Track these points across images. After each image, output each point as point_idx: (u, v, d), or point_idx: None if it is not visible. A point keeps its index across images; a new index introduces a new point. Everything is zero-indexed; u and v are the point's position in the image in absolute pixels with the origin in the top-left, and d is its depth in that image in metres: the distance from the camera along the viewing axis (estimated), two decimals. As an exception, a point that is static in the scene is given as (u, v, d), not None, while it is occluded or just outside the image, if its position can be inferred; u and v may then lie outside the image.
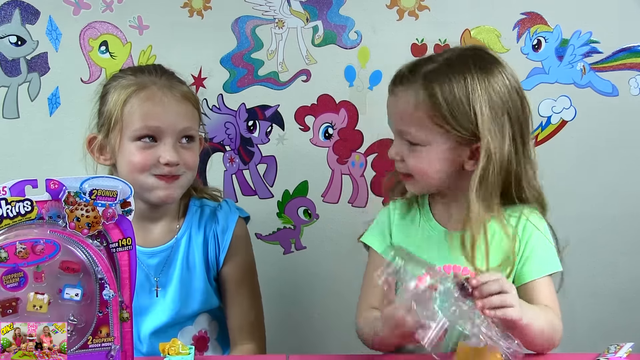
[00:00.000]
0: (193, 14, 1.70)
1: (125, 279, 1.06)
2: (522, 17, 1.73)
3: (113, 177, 1.06)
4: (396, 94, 1.26)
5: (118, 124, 1.33)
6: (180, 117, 1.35)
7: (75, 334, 1.03)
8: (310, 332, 1.84)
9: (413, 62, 1.28)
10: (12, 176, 1.03)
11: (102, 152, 1.38)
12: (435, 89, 1.20)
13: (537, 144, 1.76)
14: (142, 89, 1.34)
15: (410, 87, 1.23)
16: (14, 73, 1.70)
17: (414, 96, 1.22)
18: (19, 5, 1.68)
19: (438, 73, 1.22)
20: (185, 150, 1.36)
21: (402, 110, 1.24)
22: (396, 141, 1.27)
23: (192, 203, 1.45)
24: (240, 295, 1.44)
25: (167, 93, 1.35)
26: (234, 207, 1.47)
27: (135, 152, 1.33)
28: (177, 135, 1.34)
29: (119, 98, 1.34)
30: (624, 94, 1.75)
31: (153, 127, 1.32)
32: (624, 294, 1.80)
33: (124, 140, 1.33)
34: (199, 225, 1.42)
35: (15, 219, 1.00)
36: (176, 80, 1.40)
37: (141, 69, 1.42)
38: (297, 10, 1.71)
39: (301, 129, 1.75)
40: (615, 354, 1.14)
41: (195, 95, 1.43)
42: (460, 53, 1.26)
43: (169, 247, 1.39)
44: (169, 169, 1.33)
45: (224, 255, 1.42)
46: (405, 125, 1.24)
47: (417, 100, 1.21)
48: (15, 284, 1.00)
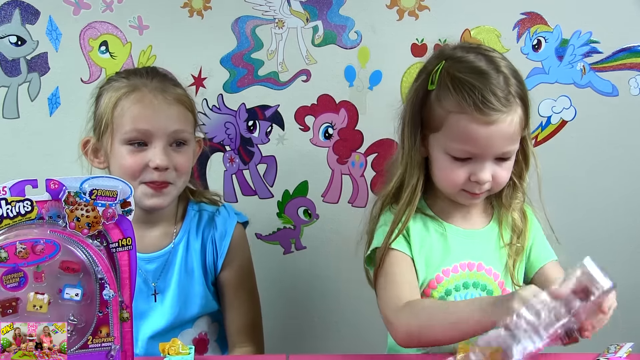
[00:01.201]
0: (193, 14, 1.70)
1: (125, 279, 1.06)
2: (522, 17, 1.73)
3: (113, 177, 1.06)
4: (499, 120, 1.18)
5: (109, 127, 1.33)
6: (171, 120, 1.33)
7: (75, 334, 1.03)
8: (310, 331, 1.84)
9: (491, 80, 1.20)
10: (12, 176, 1.03)
11: (96, 154, 1.38)
12: (527, 103, 1.24)
13: (537, 144, 1.76)
14: (132, 92, 1.33)
15: (510, 108, 1.19)
16: (14, 73, 1.70)
17: (517, 115, 1.21)
18: (19, 5, 1.68)
19: (520, 86, 1.23)
20: (176, 154, 1.34)
21: (510, 132, 1.20)
22: (488, 164, 1.21)
23: (190, 207, 1.44)
24: (239, 299, 1.43)
25: (158, 96, 1.33)
26: (232, 212, 1.46)
27: (126, 156, 1.32)
28: (168, 138, 1.33)
29: (110, 100, 1.33)
30: (624, 94, 1.75)
31: (142, 130, 1.31)
32: (624, 294, 1.80)
33: (115, 143, 1.33)
34: (197, 230, 1.42)
35: (15, 219, 1.00)
36: (170, 83, 1.39)
37: (135, 71, 1.41)
38: (297, 10, 1.71)
39: (301, 129, 1.75)
40: (615, 354, 1.14)
41: (189, 98, 1.41)
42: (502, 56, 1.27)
43: (167, 252, 1.39)
44: (158, 174, 1.31)
45: (222, 261, 1.41)
46: (511, 146, 1.22)
47: (520, 118, 1.21)
48: (15, 284, 1.00)
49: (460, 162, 1.22)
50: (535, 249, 1.34)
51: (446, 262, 1.28)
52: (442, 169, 1.24)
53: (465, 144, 1.20)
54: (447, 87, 1.21)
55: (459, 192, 1.25)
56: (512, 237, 1.32)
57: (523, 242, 1.32)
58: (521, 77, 1.25)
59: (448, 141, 1.21)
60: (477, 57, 1.24)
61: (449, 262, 1.28)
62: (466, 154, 1.21)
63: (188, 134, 1.37)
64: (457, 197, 1.27)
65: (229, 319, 1.43)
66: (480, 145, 1.19)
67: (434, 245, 1.29)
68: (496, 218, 1.33)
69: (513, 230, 1.32)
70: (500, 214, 1.33)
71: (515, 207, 1.32)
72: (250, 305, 1.45)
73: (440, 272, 1.27)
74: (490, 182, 1.23)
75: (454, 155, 1.22)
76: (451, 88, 1.20)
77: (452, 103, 1.20)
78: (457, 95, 1.19)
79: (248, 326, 1.43)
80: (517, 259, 1.31)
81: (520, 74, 1.26)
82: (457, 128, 1.19)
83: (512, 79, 1.22)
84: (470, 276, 1.29)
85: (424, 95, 1.25)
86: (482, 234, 1.32)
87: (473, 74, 1.21)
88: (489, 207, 1.35)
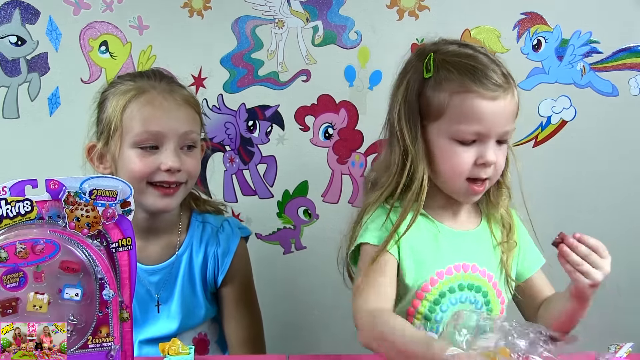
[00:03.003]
0: (193, 14, 1.70)
1: (125, 279, 1.06)
2: (522, 17, 1.73)
3: (113, 177, 1.06)
4: (501, 96, 1.22)
5: (118, 131, 1.31)
6: (181, 121, 1.33)
7: (75, 334, 1.03)
8: (310, 332, 1.84)
9: (493, 61, 1.26)
10: (12, 176, 1.03)
11: (101, 160, 1.36)
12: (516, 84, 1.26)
13: (537, 144, 1.76)
14: (141, 94, 1.32)
15: (509, 85, 1.23)
16: (14, 73, 1.70)
17: (515, 94, 1.24)
18: (19, 5, 1.68)
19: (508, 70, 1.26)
20: (186, 157, 1.33)
21: (510, 111, 1.24)
22: (493, 145, 1.23)
23: (193, 218, 1.42)
24: (239, 313, 1.43)
25: (168, 97, 1.33)
26: (236, 227, 1.45)
27: (136, 160, 1.30)
28: (179, 140, 1.32)
29: (117, 104, 1.31)
30: (624, 94, 1.75)
31: (154, 132, 1.30)
32: (624, 294, 1.80)
33: (124, 147, 1.31)
34: (200, 243, 1.40)
35: (15, 219, 1.00)
36: (176, 85, 1.38)
37: (140, 74, 1.40)
38: (297, 10, 1.71)
39: (301, 129, 1.75)
40: (615, 354, 1.14)
41: (196, 99, 1.41)
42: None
43: (170, 264, 1.38)
44: (169, 175, 1.30)
45: (223, 277, 1.40)
46: (511, 125, 1.25)
47: (516, 99, 1.24)
48: (15, 284, 1.00)
49: (466, 147, 1.22)
50: (523, 256, 1.34)
51: (439, 263, 1.27)
52: (447, 158, 1.24)
53: (472, 123, 1.21)
54: (447, 69, 1.22)
55: (463, 182, 1.24)
56: (503, 234, 1.32)
57: (514, 237, 1.33)
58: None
59: (453, 124, 1.21)
60: (461, 46, 1.28)
61: (443, 264, 1.27)
62: (472, 135, 1.21)
63: (197, 135, 1.36)
64: (460, 190, 1.26)
65: (229, 331, 1.43)
66: (486, 122, 1.21)
67: (426, 246, 1.28)
68: (485, 217, 1.33)
69: (504, 226, 1.33)
70: (489, 213, 1.33)
71: (503, 203, 1.33)
72: (251, 319, 1.44)
73: (434, 275, 1.26)
74: (494, 168, 1.24)
75: (459, 140, 1.22)
76: (452, 69, 1.22)
77: (455, 84, 1.21)
78: (460, 75, 1.21)
79: (250, 339, 1.43)
80: (510, 255, 1.31)
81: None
82: (462, 108, 1.21)
83: (499, 63, 1.25)
84: (465, 278, 1.28)
85: (419, 85, 1.25)
86: (475, 235, 1.32)
87: (467, 57, 1.24)
88: (476, 208, 1.35)
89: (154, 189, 1.31)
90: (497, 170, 1.25)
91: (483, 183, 1.25)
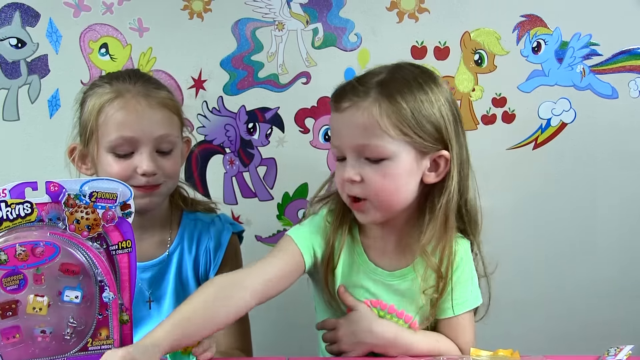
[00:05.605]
0: (193, 16, 1.71)
1: (125, 282, 1.06)
2: (522, 19, 1.73)
3: (113, 180, 1.06)
4: (350, 107, 1.17)
5: (94, 134, 1.30)
6: (156, 124, 1.31)
7: (75, 336, 1.03)
8: (309, 333, 1.83)
9: (356, 77, 1.23)
10: (12, 178, 1.03)
11: (83, 161, 1.35)
12: (396, 97, 1.15)
13: (536, 147, 1.76)
14: (115, 98, 1.30)
15: (366, 98, 1.16)
16: (14, 75, 1.70)
17: (375, 106, 1.15)
18: (19, 8, 1.68)
19: (394, 81, 1.17)
20: (163, 159, 1.32)
21: (363, 123, 1.15)
22: (352, 161, 1.17)
23: (185, 215, 1.42)
24: None
25: (142, 101, 1.31)
26: (227, 223, 1.45)
27: (112, 164, 1.29)
28: (154, 143, 1.30)
29: (93, 107, 1.31)
30: (623, 97, 1.75)
31: (128, 137, 1.28)
32: (625, 296, 1.80)
33: (101, 150, 1.30)
34: (191, 240, 1.40)
35: (15, 221, 1.00)
36: (153, 86, 1.35)
37: (117, 75, 1.38)
38: (297, 13, 1.71)
39: (301, 131, 1.75)
40: (615, 357, 1.14)
41: (174, 100, 1.37)
42: (401, 65, 1.23)
43: (161, 261, 1.38)
44: (146, 179, 1.29)
45: (215, 272, 1.40)
46: (367, 139, 1.15)
47: (380, 110, 1.15)
48: (15, 287, 1.00)
49: (340, 162, 1.21)
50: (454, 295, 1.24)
51: (357, 293, 1.26)
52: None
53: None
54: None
55: (347, 198, 1.22)
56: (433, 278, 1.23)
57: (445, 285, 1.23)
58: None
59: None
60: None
61: (360, 295, 1.26)
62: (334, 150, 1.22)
63: (174, 138, 1.34)
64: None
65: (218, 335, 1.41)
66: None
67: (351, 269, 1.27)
68: (420, 258, 1.23)
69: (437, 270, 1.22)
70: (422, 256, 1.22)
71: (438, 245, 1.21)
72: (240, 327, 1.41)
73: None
74: (363, 186, 1.18)
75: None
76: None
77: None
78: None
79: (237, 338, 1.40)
80: (439, 299, 1.24)
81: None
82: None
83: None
84: (380, 312, 1.26)
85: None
86: (400, 276, 1.26)
87: None
88: (408, 248, 1.25)
89: (136, 189, 1.30)
90: (369, 191, 1.17)
91: (358, 202, 1.19)
